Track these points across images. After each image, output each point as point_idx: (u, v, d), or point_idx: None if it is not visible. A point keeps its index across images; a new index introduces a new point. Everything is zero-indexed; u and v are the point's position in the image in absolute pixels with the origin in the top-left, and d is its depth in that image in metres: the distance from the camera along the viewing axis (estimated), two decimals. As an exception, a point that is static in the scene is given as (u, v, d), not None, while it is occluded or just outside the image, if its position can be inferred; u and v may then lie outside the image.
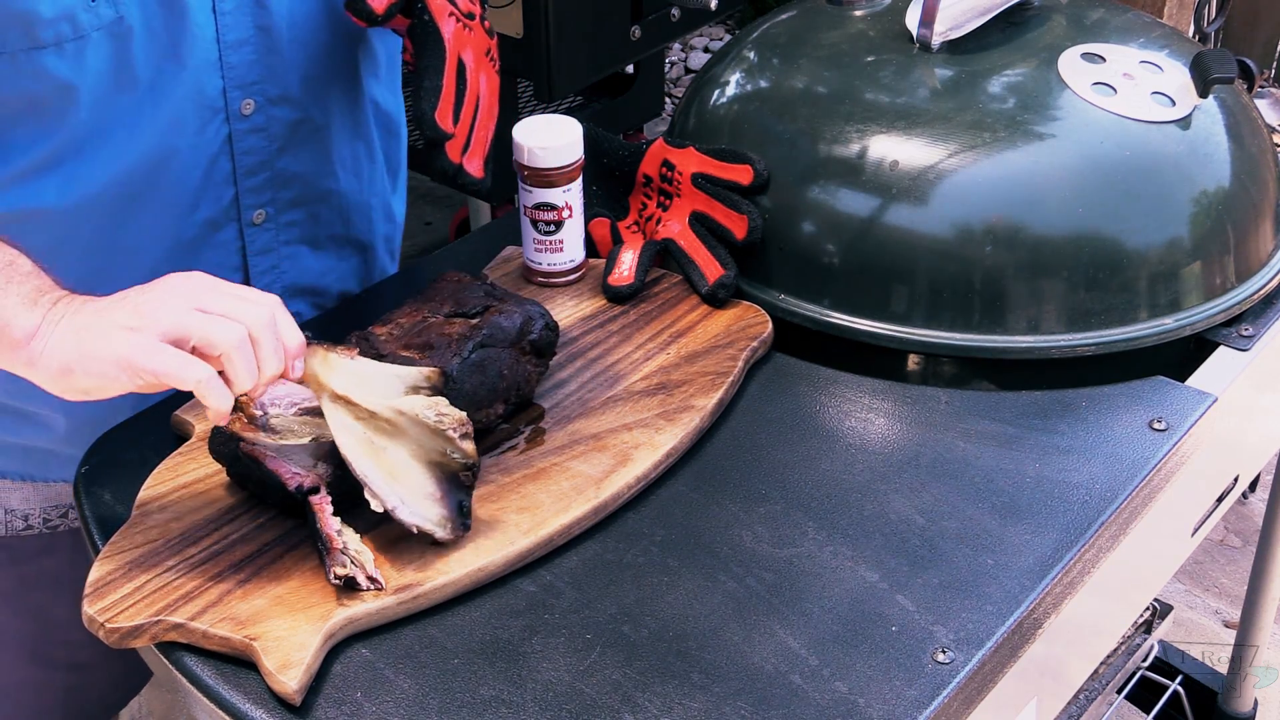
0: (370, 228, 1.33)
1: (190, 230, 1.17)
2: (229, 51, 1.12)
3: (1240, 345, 1.20)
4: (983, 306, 1.15)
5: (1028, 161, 1.17)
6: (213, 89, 1.12)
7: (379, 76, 1.28)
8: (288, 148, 1.20)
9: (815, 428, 1.11)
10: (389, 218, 1.36)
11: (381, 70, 1.28)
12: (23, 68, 1.02)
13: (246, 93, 1.14)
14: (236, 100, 1.14)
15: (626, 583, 0.97)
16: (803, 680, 0.88)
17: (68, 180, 1.08)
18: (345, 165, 1.26)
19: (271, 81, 1.15)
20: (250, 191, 1.19)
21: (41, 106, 1.05)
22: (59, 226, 1.09)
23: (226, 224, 1.19)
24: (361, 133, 1.27)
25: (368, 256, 1.35)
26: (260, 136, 1.17)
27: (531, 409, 1.12)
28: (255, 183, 1.19)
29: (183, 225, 1.16)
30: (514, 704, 0.87)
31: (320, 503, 0.96)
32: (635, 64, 2.71)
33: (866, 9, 1.35)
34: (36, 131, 1.06)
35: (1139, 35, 1.30)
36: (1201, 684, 1.77)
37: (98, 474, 1.08)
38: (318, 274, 1.29)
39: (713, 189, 1.25)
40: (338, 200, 1.27)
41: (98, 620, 0.91)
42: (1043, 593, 0.95)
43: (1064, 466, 1.05)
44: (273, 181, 1.20)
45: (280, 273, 1.25)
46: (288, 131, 1.19)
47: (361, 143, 1.27)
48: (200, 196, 1.16)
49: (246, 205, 1.19)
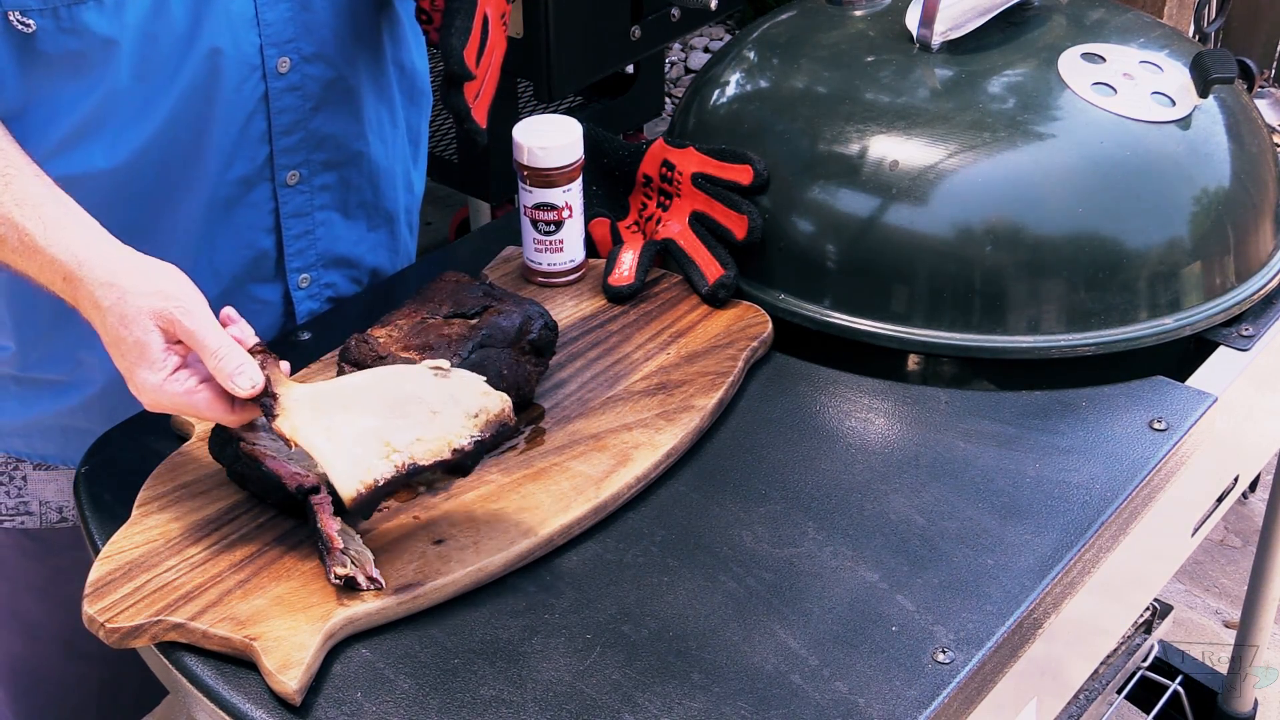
0: (395, 196, 1.34)
1: (225, 189, 1.18)
2: (265, 8, 1.13)
3: (1240, 345, 1.20)
4: (983, 306, 1.15)
5: (1028, 161, 1.17)
6: (249, 46, 1.13)
7: (404, 39, 1.30)
8: (321, 107, 1.21)
9: (815, 428, 1.11)
10: (409, 188, 1.38)
11: (405, 32, 1.30)
12: (64, 24, 1.04)
13: (282, 50, 1.15)
14: (273, 58, 1.15)
15: (626, 583, 0.97)
16: (803, 680, 0.88)
17: (114, 141, 1.10)
18: (373, 128, 1.28)
19: (306, 39, 1.17)
20: (285, 151, 1.20)
21: (84, 64, 1.06)
22: (107, 189, 1.11)
23: (260, 183, 1.20)
24: (386, 96, 1.29)
25: (393, 228, 1.36)
26: (296, 95, 1.18)
27: (531, 409, 1.12)
28: (290, 143, 1.20)
29: (218, 184, 1.17)
30: (514, 704, 0.87)
31: (320, 503, 0.96)
32: (635, 64, 2.71)
33: (866, 9, 1.35)
34: (80, 90, 1.08)
35: (1139, 35, 1.30)
36: (1201, 684, 1.77)
37: (98, 474, 1.08)
38: (350, 243, 1.30)
39: (713, 189, 1.25)
40: (367, 165, 1.28)
41: (98, 620, 0.91)
42: (1043, 593, 0.95)
43: (1064, 466, 1.05)
44: (306, 142, 1.21)
45: (314, 239, 1.26)
46: (322, 91, 1.20)
47: (385, 106, 1.29)
48: (235, 155, 1.17)
49: (280, 165, 1.20)
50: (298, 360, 1.17)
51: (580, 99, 2.88)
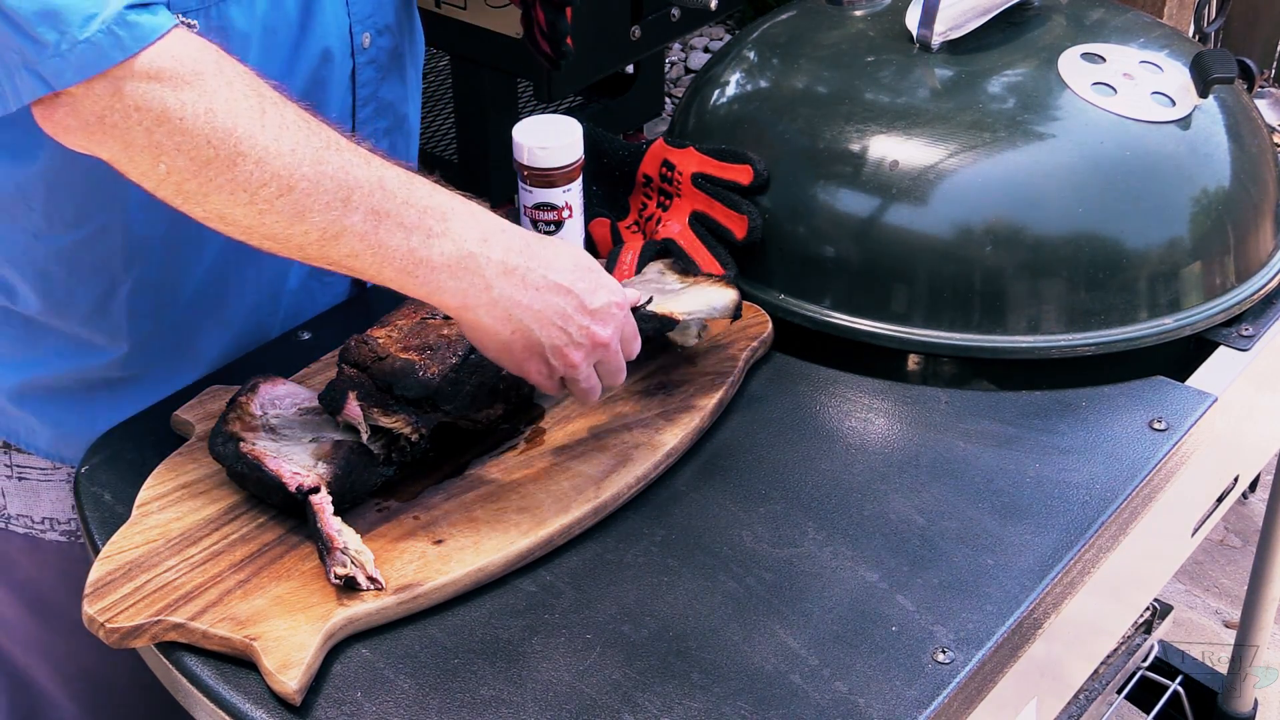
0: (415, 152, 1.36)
1: None
2: None
3: (1240, 345, 1.20)
4: (983, 306, 1.15)
5: (1028, 161, 1.17)
6: (343, 27, 1.15)
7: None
8: (387, 77, 1.23)
9: (815, 428, 1.11)
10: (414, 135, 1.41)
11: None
12: (214, 21, 1.04)
13: (364, 26, 1.18)
14: (359, 35, 1.17)
15: (626, 583, 0.97)
16: (803, 680, 0.88)
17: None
18: (412, 90, 1.30)
19: (379, 13, 1.19)
20: (362, 124, 1.22)
21: None
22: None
23: None
24: (416, 57, 1.31)
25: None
26: (372, 68, 1.20)
27: (531, 409, 1.12)
28: (366, 114, 1.22)
29: None
30: (514, 704, 0.87)
31: (320, 503, 0.96)
32: (635, 64, 2.71)
33: (866, 9, 1.35)
34: None
35: (1139, 35, 1.30)
36: (1201, 684, 1.77)
37: (98, 474, 1.08)
38: None
39: (713, 189, 1.24)
40: (407, 126, 1.30)
41: (98, 620, 0.91)
42: (1043, 593, 0.95)
43: (1064, 466, 1.05)
44: (376, 112, 1.23)
45: None
46: (389, 60, 1.22)
47: (415, 68, 1.31)
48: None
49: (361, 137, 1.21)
50: (298, 360, 1.17)
51: (580, 99, 2.88)
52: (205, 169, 0.90)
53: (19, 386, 1.19)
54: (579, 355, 1.00)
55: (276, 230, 0.92)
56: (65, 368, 1.18)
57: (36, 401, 1.20)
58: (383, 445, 1.02)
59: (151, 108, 0.88)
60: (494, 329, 0.98)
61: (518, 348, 0.99)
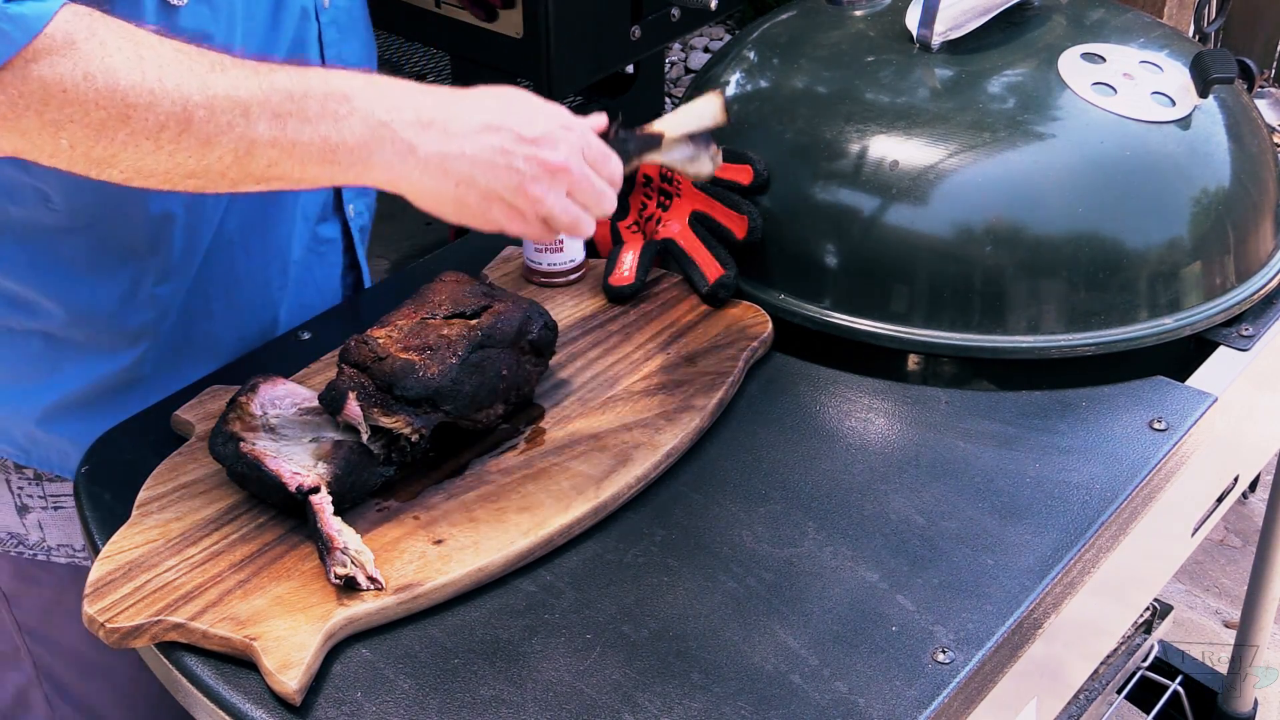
0: None
1: None
2: None
3: (1240, 345, 1.20)
4: (983, 306, 1.15)
5: (1028, 161, 1.17)
6: None
7: None
8: (347, 37, 1.23)
9: (815, 428, 1.11)
10: None
11: None
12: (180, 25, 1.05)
13: None
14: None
15: (626, 583, 0.97)
16: (803, 680, 0.88)
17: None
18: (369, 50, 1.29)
19: None
20: None
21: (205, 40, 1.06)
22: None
23: None
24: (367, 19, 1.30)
25: None
26: (334, 29, 1.21)
27: (531, 409, 1.12)
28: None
29: None
30: (514, 704, 0.87)
31: (320, 503, 0.96)
32: (635, 64, 2.71)
33: (866, 9, 1.35)
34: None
35: (1139, 35, 1.30)
36: (1201, 684, 1.77)
37: (98, 474, 1.08)
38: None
39: (713, 189, 1.24)
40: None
41: (98, 620, 0.91)
42: (1043, 593, 0.95)
43: (1064, 466, 1.05)
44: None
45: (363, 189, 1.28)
46: (348, 20, 1.23)
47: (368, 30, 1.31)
48: None
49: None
50: (298, 360, 1.17)
51: (580, 99, 2.88)
52: (103, 131, 0.89)
53: (45, 410, 1.19)
54: (540, 188, 0.97)
55: (192, 165, 0.92)
56: (88, 379, 1.19)
57: (64, 422, 1.19)
58: (383, 445, 1.02)
59: (34, 90, 0.87)
60: (436, 188, 0.96)
61: (472, 200, 0.97)
